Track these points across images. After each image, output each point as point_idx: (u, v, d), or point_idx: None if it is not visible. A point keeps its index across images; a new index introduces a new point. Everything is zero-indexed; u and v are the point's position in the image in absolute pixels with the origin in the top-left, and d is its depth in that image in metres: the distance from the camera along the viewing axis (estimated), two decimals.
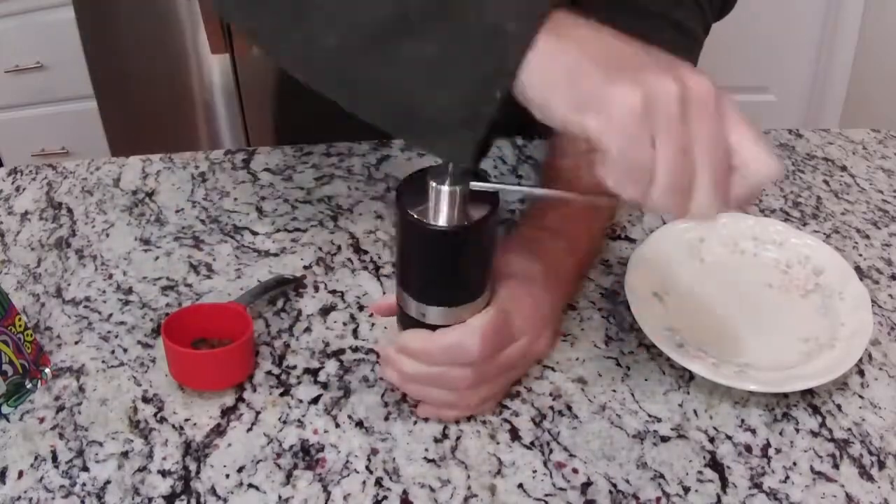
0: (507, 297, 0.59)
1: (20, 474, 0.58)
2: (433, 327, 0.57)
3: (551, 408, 0.63)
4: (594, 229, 0.70)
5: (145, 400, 0.63)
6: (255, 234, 0.79)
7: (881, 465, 0.59)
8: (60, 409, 0.63)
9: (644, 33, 0.73)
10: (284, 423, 0.62)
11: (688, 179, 0.43)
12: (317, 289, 0.73)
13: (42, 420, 0.62)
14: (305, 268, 0.75)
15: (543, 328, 0.62)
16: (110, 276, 0.75)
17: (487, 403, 0.61)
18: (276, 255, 0.77)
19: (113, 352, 0.67)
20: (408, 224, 0.52)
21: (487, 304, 0.58)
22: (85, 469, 0.58)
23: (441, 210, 0.50)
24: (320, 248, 0.77)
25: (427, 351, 0.58)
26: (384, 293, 0.72)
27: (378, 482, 0.58)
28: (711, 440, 0.60)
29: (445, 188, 0.49)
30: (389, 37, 0.46)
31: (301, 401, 0.63)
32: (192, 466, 0.59)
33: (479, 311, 0.57)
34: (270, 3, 0.50)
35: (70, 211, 0.83)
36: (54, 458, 0.59)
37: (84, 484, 0.58)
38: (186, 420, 0.62)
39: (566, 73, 0.43)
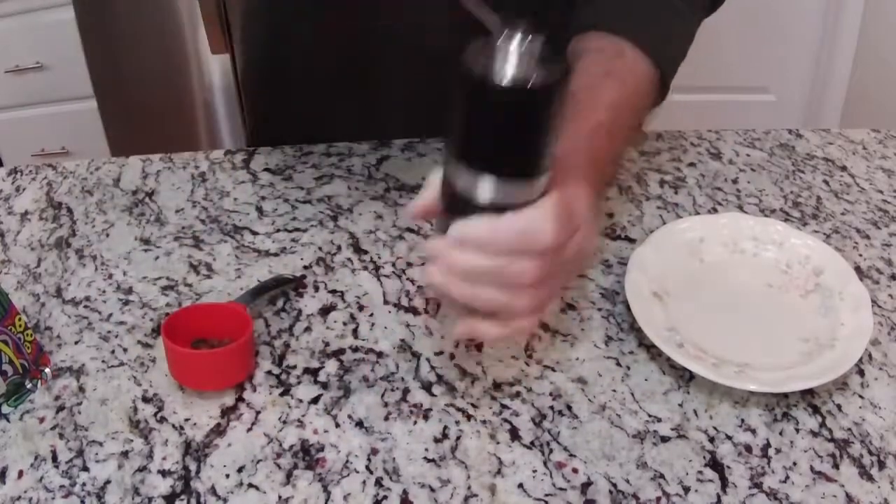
0: (565, 187, 0.53)
1: (20, 474, 0.58)
2: (489, 209, 0.51)
3: (551, 408, 0.63)
4: (611, 151, 0.66)
5: (145, 400, 0.63)
6: (255, 234, 0.79)
7: (881, 465, 0.59)
8: (60, 409, 0.63)
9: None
10: (284, 423, 0.62)
11: None
12: (317, 289, 0.73)
13: (42, 420, 0.62)
14: (305, 268, 0.75)
15: (593, 225, 0.57)
16: (110, 276, 0.75)
17: (537, 313, 0.56)
18: (276, 255, 0.77)
19: (113, 352, 0.67)
20: (476, 83, 0.47)
21: (545, 190, 0.52)
22: (85, 469, 0.59)
23: (511, 65, 0.46)
24: (320, 248, 0.77)
25: (494, 237, 0.51)
26: (384, 293, 0.72)
27: (378, 482, 0.58)
28: (711, 440, 0.60)
29: (516, 42, 0.46)
30: None
31: (301, 401, 0.63)
32: (192, 466, 0.59)
33: (535, 199, 0.51)
34: None
35: (70, 211, 0.83)
36: (54, 458, 0.59)
37: (84, 484, 0.58)
38: (186, 420, 0.62)
39: None
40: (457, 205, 0.52)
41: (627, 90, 0.69)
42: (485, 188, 0.50)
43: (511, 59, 0.46)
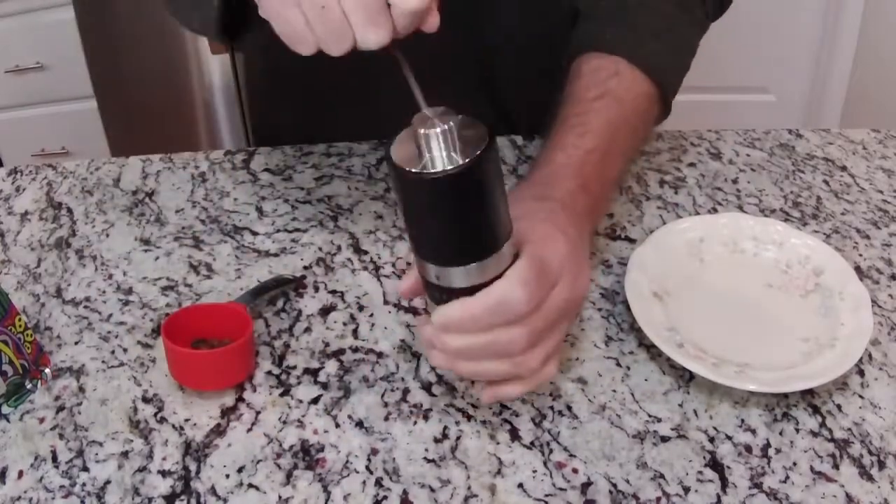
0: (536, 240, 0.54)
1: (20, 474, 0.58)
2: (466, 291, 0.52)
3: (551, 408, 0.63)
4: (607, 175, 0.67)
5: (145, 400, 0.63)
6: (255, 234, 0.79)
7: (881, 465, 0.59)
8: (60, 409, 0.63)
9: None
10: (284, 423, 0.62)
11: (340, 25, 0.51)
12: (317, 289, 0.73)
13: (42, 420, 0.62)
14: (305, 268, 0.75)
15: (581, 264, 0.58)
16: (110, 276, 0.75)
17: (549, 365, 0.57)
18: (276, 255, 0.77)
19: (113, 352, 0.67)
20: (410, 182, 0.47)
21: (515, 255, 0.53)
22: (85, 469, 0.59)
23: (437, 155, 0.47)
24: (320, 248, 0.77)
25: (470, 317, 0.52)
26: (384, 293, 0.72)
27: (378, 482, 0.58)
28: (711, 440, 0.60)
29: (435, 130, 0.47)
30: None
31: (301, 401, 0.63)
32: (192, 466, 0.59)
33: (508, 264, 0.52)
34: None
35: (70, 211, 0.83)
36: (54, 458, 0.59)
37: (84, 484, 0.58)
38: (186, 420, 0.62)
39: None
40: (433, 291, 0.54)
41: (625, 110, 0.69)
42: (450, 277, 0.51)
43: (432, 152, 0.47)
